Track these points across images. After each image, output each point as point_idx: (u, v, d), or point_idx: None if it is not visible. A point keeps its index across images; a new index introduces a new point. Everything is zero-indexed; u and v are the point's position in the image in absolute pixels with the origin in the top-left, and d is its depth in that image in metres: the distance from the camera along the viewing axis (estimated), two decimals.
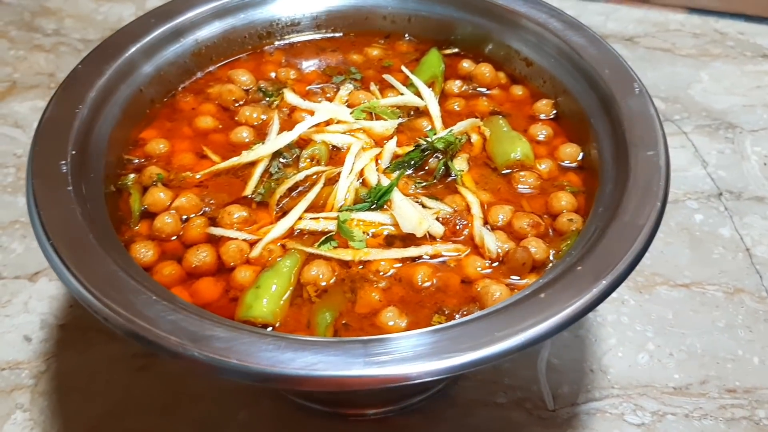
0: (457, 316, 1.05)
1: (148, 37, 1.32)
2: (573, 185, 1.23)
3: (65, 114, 1.16)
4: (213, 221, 1.16)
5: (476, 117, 1.33)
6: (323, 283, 1.08)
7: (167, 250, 1.13)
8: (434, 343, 0.88)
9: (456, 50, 1.51)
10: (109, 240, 1.04)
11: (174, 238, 1.15)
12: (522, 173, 1.24)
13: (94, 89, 1.21)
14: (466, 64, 1.45)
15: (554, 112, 1.36)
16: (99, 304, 0.91)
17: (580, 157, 1.27)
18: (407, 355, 0.87)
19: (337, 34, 1.55)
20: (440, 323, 1.03)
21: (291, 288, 1.08)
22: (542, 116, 1.37)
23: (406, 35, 1.54)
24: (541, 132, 1.32)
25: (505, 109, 1.38)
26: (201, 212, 1.18)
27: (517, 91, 1.41)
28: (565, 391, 1.39)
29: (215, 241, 1.14)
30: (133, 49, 1.30)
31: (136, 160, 1.26)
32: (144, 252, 1.10)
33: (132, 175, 1.22)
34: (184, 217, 1.17)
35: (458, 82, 1.43)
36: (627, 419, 1.36)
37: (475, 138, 1.30)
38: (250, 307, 1.03)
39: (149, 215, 1.17)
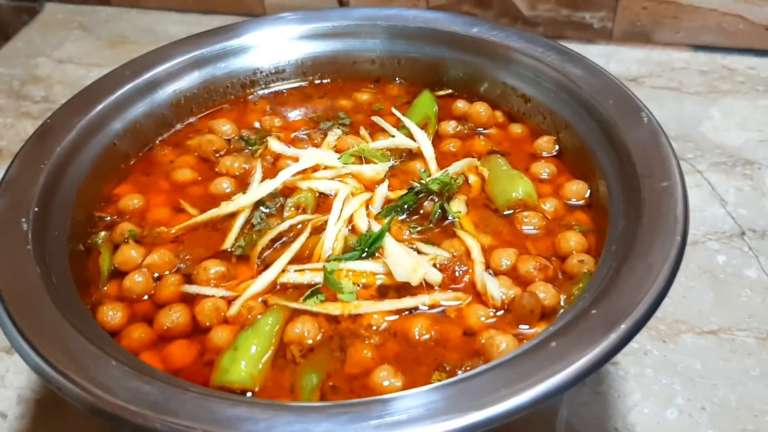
0: (460, 372, 0.93)
1: (122, 89, 1.25)
2: (582, 224, 1.13)
3: (31, 169, 1.08)
4: (188, 278, 1.06)
5: (473, 157, 1.23)
6: (309, 342, 0.98)
7: (138, 312, 1.03)
8: (433, 402, 0.77)
9: (449, 91, 1.43)
10: (70, 302, 0.94)
11: (145, 297, 1.04)
12: (525, 213, 1.14)
13: (62, 143, 1.13)
14: (461, 105, 1.37)
15: (557, 148, 1.26)
16: (51, 372, 0.81)
17: (587, 195, 1.17)
18: (400, 418, 0.75)
19: (324, 81, 1.47)
20: (441, 380, 0.91)
21: (272, 348, 0.97)
22: (544, 153, 1.28)
23: (397, 78, 1.46)
24: (544, 170, 1.23)
25: (504, 149, 1.29)
26: (175, 269, 1.08)
27: (516, 129, 1.33)
28: None
29: (190, 300, 1.04)
30: (105, 102, 1.23)
31: (108, 218, 1.18)
32: (111, 315, 1.00)
33: (102, 233, 1.13)
34: (156, 275, 1.07)
35: (453, 123, 1.34)
36: None
37: (473, 179, 1.21)
38: (227, 371, 0.92)
39: (119, 275, 1.07)
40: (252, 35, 1.39)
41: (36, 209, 1.03)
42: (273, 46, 1.41)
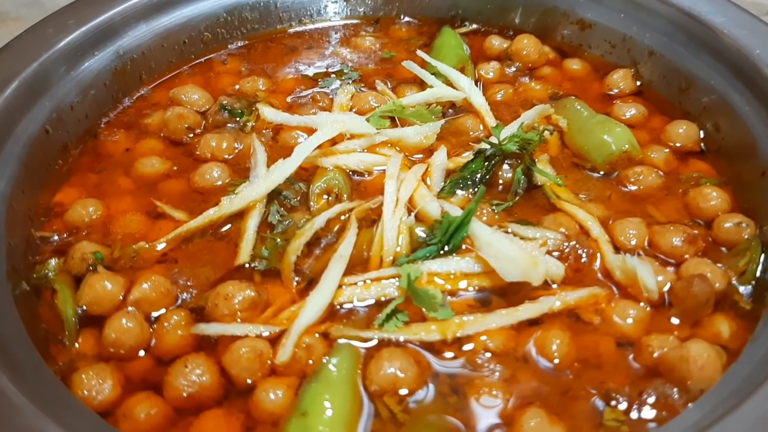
0: (639, 408, 0.63)
1: (45, 55, 0.87)
2: (708, 175, 0.85)
3: None
4: (199, 313, 0.71)
5: (535, 104, 0.95)
6: (404, 389, 0.65)
7: (134, 376, 0.69)
8: None
9: (474, 26, 1.13)
10: (33, 377, 0.58)
11: (142, 352, 0.69)
12: (636, 169, 0.85)
13: None
14: (497, 42, 1.08)
15: (638, 83, 0.98)
16: None
17: (701, 136, 0.90)
18: None
19: (307, 26, 1.13)
20: (619, 420, 0.62)
21: (356, 406, 0.64)
22: (615, 91, 0.99)
23: (402, 16, 1.13)
24: (629, 111, 0.95)
25: (567, 91, 1.00)
26: (177, 303, 0.73)
27: (573, 65, 1.06)
28: None
29: (209, 346, 0.69)
30: (25, 73, 0.84)
31: (56, 237, 0.80)
32: (96, 385, 0.66)
33: (53, 261, 0.76)
34: (153, 314, 0.71)
35: (494, 64, 1.04)
36: None
37: (548, 133, 0.90)
38: None
39: (93, 321, 0.72)
40: None
41: None
42: None
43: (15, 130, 0.83)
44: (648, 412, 0.65)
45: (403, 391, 0.67)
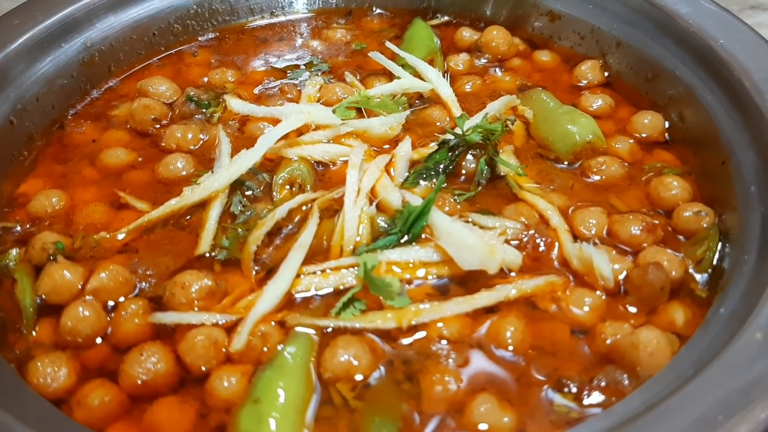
0: (589, 394, 0.64)
1: (11, 46, 0.87)
2: (671, 165, 0.85)
3: None
4: (157, 302, 0.71)
5: (502, 96, 0.95)
6: (359, 376, 0.65)
7: (90, 364, 0.70)
8: None
9: (445, 18, 1.13)
10: None
11: (99, 340, 0.69)
12: (599, 160, 0.86)
13: None
14: (467, 33, 1.09)
15: (606, 74, 0.98)
16: None
17: (666, 127, 0.90)
18: None
19: (279, 18, 1.13)
20: (569, 407, 0.63)
21: (309, 392, 0.64)
22: (584, 82, 1.00)
23: (374, 8, 1.14)
24: (596, 102, 0.95)
25: (536, 82, 1.00)
26: (135, 291, 0.73)
27: (543, 56, 1.06)
28: None
29: (166, 335, 0.70)
30: None
31: (18, 228, 0.81)
32: (52, 373, 0.66)
33: (14, 251, 0.77)
34: (110, 303, 0.71)
35: (463, 56, 1.04)
36: None
37: (512, 123, 0.91)
38: None
39: (51, 310, 0.72)
40: None
41: None
42: None
43: None
44: (597, 398, 0.65)
45: (358, 377, 0.67)
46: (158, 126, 0.95)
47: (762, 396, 0.52)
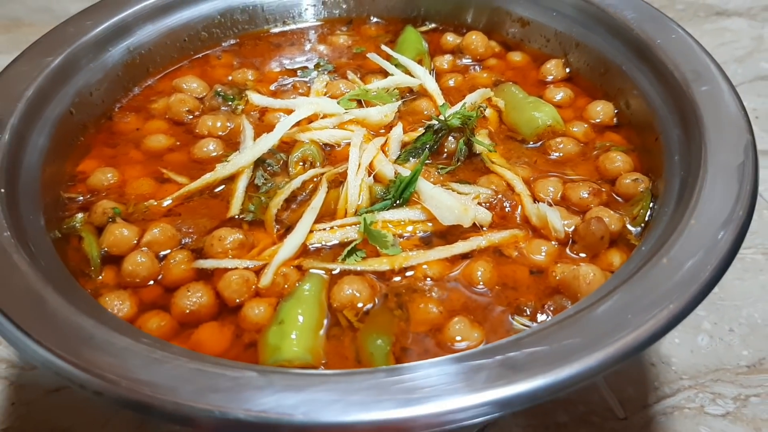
0: (542, 316, 0.82)
1: (68, 50, 1.05)
2: (618, 144, 1.03)
3: None
4: (198, 253, 0.89)
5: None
6: (362, 304, 0.83)
7: (146, 299, 0.86)
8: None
9: (433, 25, 1.31)
10: (74, 292, 0.76)
11: (152, 282, 0.87)
12: (558, 140, 1.03)
13: (14, 115, 0.93)
14: (451, 38, 1.26)
15: (567, 71, 1.17)
16: (90, 377, 0.64)
17: (614, 113, 1.08)
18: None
19: (290, 26, 1.31)
20: (525, 327, 0.80)
21: (323, 316, 0.82)
22: (549, 78, 1.18)
23: (372, 17, 1.32)
24: (558, 94, 1.13)
25: (509, 78, 1.18)
26: (180, 245, 0.91)
27: (515, 57, 1.23)
28: (630, 393, 1.17)
29: (206, 277, 0.87)
30: (52, 65, 1.02)
31: (80, 198, 0.99)
32: (118, 305, 0.83)
33: (79, 215, 0.94)
34: (161, 253, 0.89)
35: (448, 57, 1.22)
36: (709, 411, 1.15)
37: (488, 111, 1.09)
38: (278, 349, 0.78)
39: (112, 260, 0.89)
40: None
41: (2, 191, 0.83)
42: None
43: (45, 112, 1.00)
44: (547, 317, 0.83)
45: (359, 305, 0.85)
46: (191, 117, 1.13)
47: (664, 298, 0.69)
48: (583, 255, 0.90)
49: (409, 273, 0.87)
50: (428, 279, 0.87)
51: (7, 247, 0.77)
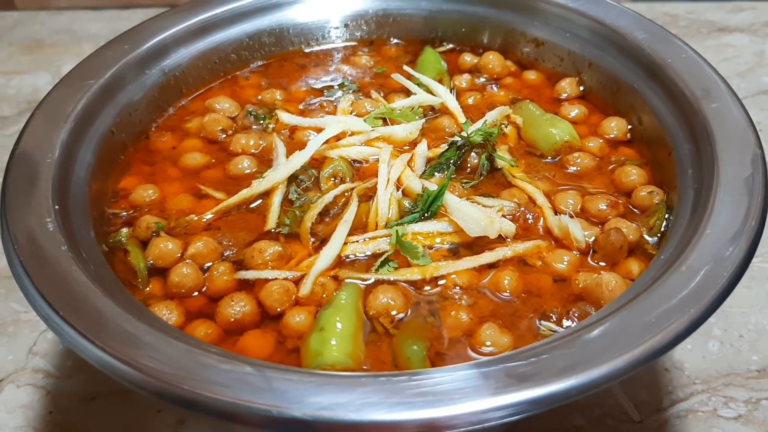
0: (567, 322, 0.87)
1: (111, 71, 1.11)
2: (632, 158, 1.09)
3: (34, 164, 0.94)
4: (239, 264, 0.95)
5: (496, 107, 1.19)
6: (394, 312, 0.88)
7: (191, 309, 0.91)
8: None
9: (450, 46, 1.37)
10: (129, 302, 0.81)
11: (196, 294, 0.92)
12: (574, 155, 1.09)
13: (62, 133, 0.98)
14: (468, 58, 1.32)
15: (581, 89, 1.22)
16: (168, 385, 0.69)
17: (628, 129, 1.14)
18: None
19: (314, 48, 1.37)
20: (553, 332, 0.85)
21: (359, 323, 0.87)
22: (564, 95, 1.23)
23: (392, 38, 1.38)
24: (573, 111, 1.19)
25: (525, 96, 1.24)
26: (221, 257, 0.97)
27: (530, 75, 1.29)
28: (645, 397, 1.23)
29: (248, 287, 0.92)
30: (96, 86, 1.08)
31: (124, 213, 1.04)
32: (167, 314, 0.88)
33: (124, 230, 0.99)
34: (204, 265, 0.95)
35: (466, 76, 1.28)
36: (721, 414, 1.20)
37: (506, 128, 1.14)
38: (320, 354, 0.83)
39: (158, 272, 0.95)
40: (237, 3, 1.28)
41: (56, 207, 0.88)
42: (264, 12, 1.30)
43: (90, 130, 1.06)
44: (573, 323, 0.88)
45: (394, 313, 0.90)
46: (224, 135, 1.19)
47: (688, 302, 0.74)
48: (602, 264, 0.95)
49: (439, 282, 0.92)
50: (457, 287, 0.92)
51: (66, 259, 0.82)
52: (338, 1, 1.36)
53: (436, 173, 1.07)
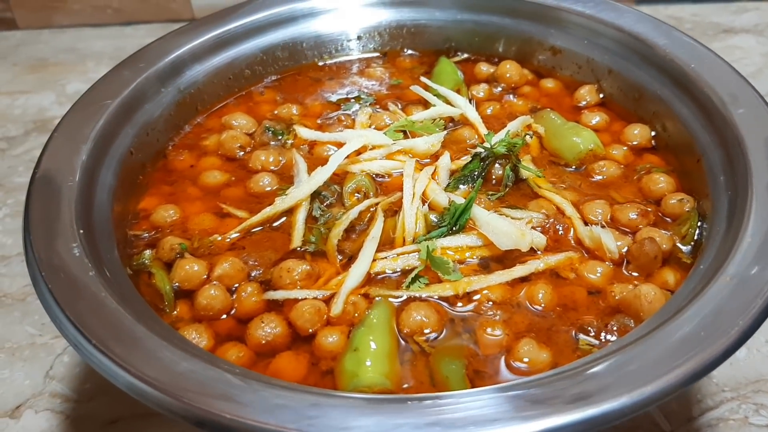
0: (606, 335, 0.85)
1: (129, 89, 1.09)
2: (658, 166, 1.08)
3: (57, 188, 0.92)
4: (266, 284, 0.93)
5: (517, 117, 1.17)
6: (428, 330, 0.87)
7: (221, 332, 0.89)
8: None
9: (465, 55, 1.36)
10: (159, 326, 0.80)
11: (224, 316, 0.91)
12: (600, 163, 1.08)
13: (82, 155, 0.97)
14: (485, 68, 1.30)
15: (601, 96, 1.21)
16: (211, 413, 0.67)
17: (652, 136, 1.13)
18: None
19: (329, 61, 1.36)
20: (590, 344, 0.84)
21: (393, 342, 0.85)
22: (583, 103, 1.22)
23: (405, 49, 1.37)
24: (594, 119, 1.17)
25: (544, 105, 1.23)
26: (248, 278, 0.95)
27: (548, 84, 1.28)
28: (674, 407, 1.21)
29: (276, 308, 0.90)
30: (113, 106, 1.06)
31: (145, 235, 1.02)
32: (196, 338, 0.86)
33: (147, 252, 0.98)
34: (235, 286, 0.93)
35: (483, 86, 1.27)
36: (753, 422, 1.19)
37: (528, 138, 1.13)
38: (356, 375, 0.81)
39: (184, 294, 0.93)
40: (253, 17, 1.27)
41: (81, 231, 0.87)
42: (278, 26, 1.29)
43: (109, 152, 1.04)
44: (612, 337, 0.86)
45: (428, 331, 0.89)
46: (243, 153, 1.17)
47: (735, 313, 0.73)
48: (635, 274, 0.94)
49: (474, 297, 0.91)
50: (490, 302, 0.91)
51: (95, 285, 0.80)
52: (352, 14, 1.34)
53: (460, 186, 1.06)
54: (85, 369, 1.18)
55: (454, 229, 0.98)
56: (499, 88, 1.28)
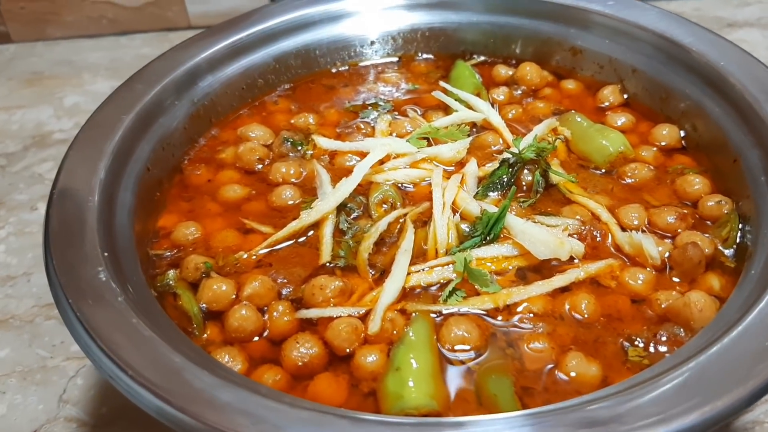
0: (656, 346, 0.82)
1: (141, 104, 1.05)
2: (690, 167, 1.05)
3: (77, 209, 0.88)
4: (297, 302, 0.90)
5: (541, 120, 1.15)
6: (469, 345, 0.83)
7: (254, 354, 0.86)
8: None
9: (482, 58, 1.33)
10: (195, 353, 0.76)
11: (256, 338, 0.87)
12: (631, 166, 1.05)
13: (100, 173, 0.93)
14: (503, 70, 1.27)
15: (625, 96, 1.19)
16: None
17: (682, 136, 1.10)
18: None
19: (342, 68, 1.33)
20: (640, 356, 0.81)
21: (435, 360, 0.82)
22: (606, 104, 1.19)
23: (420, 53, 1.34)
24: (620, 119, 1.15)
25: (566, 107, 1.20)
26: (279, 296, 0.91)
27: (569, 85, 1.25)
28: None
29: (311, 327, 0.87)
30: (128, 121, 1.02)
31: (167, 254, 0.98)
32: (230, 362, 0.82)
33: (171, 272, 0.94)
34: (262, 306, 0.89)
35: (503, 89, 1.24)
36: None
37: (558, 141, 1.10)
38: (401, 397, 0.78)
39: (213, 316, 0.89)
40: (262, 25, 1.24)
41: (105, 254, 0.83)
42: (290, 33, 1.25)
43: (126, 169, 1.01)
44: (662, 348, 0.84)
45: (469, 347, 0.85)
46: (262, 165, 1.13)
47: None
48: (676, 280, 0.91)
49: (517, 309, 0.88)
50: (532, 314, 0.88)
51: (125, 312, 0.76)
52: (365, 19, 1.31)
53: (490, 193, 1.03)
54: (101, 392, 1.14)
55: (487, 238, 0.95)
56: (519, 91, 1.25)
